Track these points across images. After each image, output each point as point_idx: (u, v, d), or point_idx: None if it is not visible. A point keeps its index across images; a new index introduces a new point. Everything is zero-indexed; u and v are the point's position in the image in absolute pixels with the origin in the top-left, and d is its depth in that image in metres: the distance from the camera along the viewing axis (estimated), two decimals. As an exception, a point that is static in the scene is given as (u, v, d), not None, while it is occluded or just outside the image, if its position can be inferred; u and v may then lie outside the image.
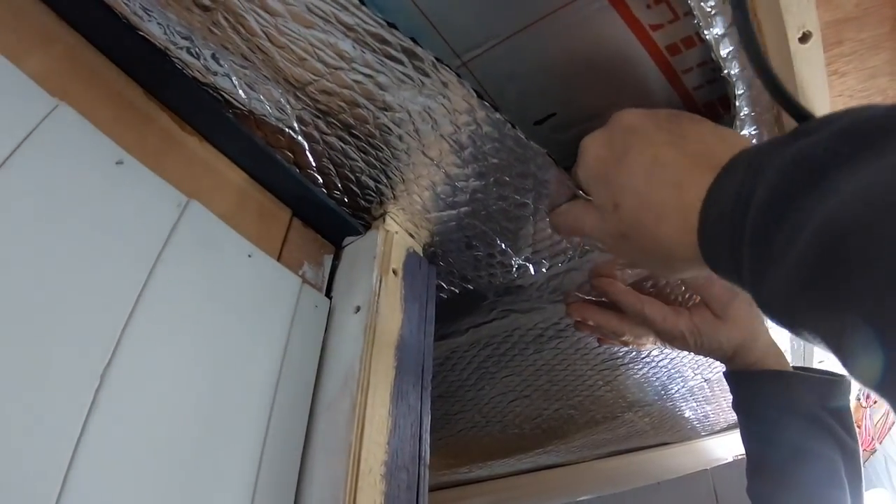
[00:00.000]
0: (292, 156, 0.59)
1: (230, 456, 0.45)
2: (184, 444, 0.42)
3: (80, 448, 0.36)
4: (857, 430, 1.34)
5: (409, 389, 0.56)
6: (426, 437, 0.55)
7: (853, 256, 0.26)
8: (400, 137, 0.55)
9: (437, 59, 0.48)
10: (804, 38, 0.48)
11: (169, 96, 0.54)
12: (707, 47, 0.49)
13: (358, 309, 0.57)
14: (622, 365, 0.95)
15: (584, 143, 0.52)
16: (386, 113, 0.53)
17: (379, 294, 0.58)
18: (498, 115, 0.51)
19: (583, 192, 0.56)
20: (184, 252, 0.49)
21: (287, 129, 0.57)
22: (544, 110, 0.60)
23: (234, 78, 0.53)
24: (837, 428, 0.65)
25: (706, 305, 0.71)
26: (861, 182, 0.28)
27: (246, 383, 0.49)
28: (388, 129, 0.54)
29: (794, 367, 0.70)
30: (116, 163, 0.47)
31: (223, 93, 0.54)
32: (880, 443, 1.37)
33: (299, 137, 0.58)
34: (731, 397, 0.78)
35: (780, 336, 0.99)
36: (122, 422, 0.39)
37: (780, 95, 0.45)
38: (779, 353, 0.72)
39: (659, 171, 0.44)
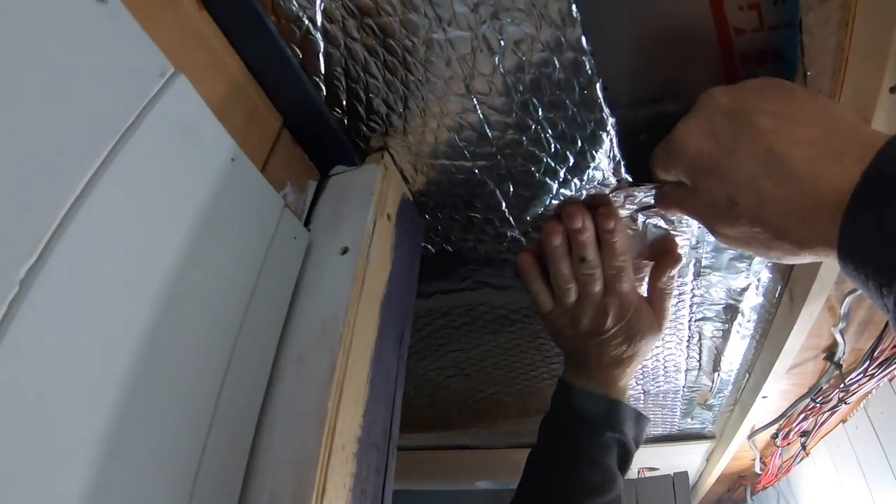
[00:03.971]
0: (301, 56, 0.49)
1: (173, 407, 0.36)
2: (110, 373, 0.32)
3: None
4: (763, 465, 1.37)
5: (388, 354, 0.48)
6: (398, 412, 0.47)
7: None
8: (448, 62, 0.46)
9: None
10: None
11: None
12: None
13: (345, 251, 0.48)
14: (573, 362, 0.90)
15: (681, 135, 0.48)
16: (447, 28, 0.44)
17: (372, 238, 0.49)
18: (591, 64, 0.43)
19: (658, 171, 0.52)
20: (160, 133, 0.38)
21: (306, 22, 0.47)
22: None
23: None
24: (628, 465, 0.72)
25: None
26: None
27: (205, 314, 0.39)
28: (439, 48, 0.45)
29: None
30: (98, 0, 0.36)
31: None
32: (780, 480, 1.43)
33: (317, 35, 0.47)
34: (661, 412, 0.80)
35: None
36: (43, 329, 0.29)
37: None
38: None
39: (777, 164, 0.41)
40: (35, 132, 0.31)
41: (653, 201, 0.59)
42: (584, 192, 0.59)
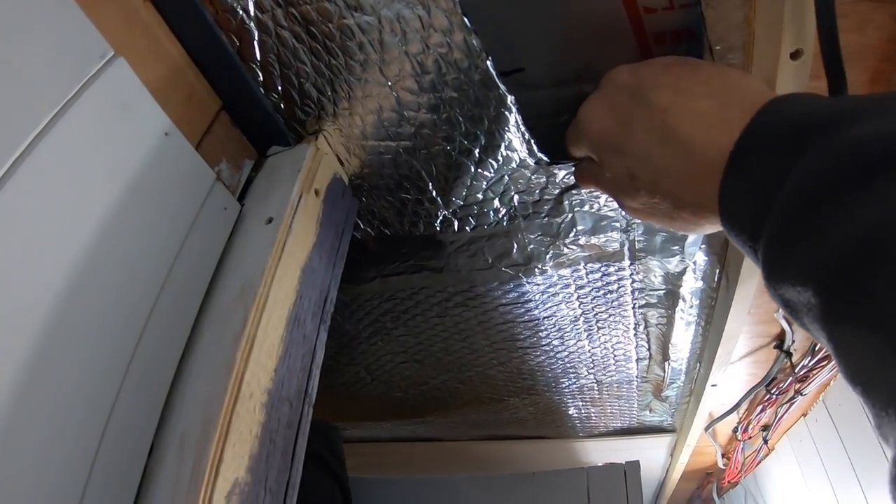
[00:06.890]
0: (238, 43, 0.53)
1: (93, 350, 0.40)
2: (38, 314, 0.36)
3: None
4: (726, 461, 1.39)
5: (307, 318, 0.51)
6: (316, 372, 0.51)
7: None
8: (360, 46, 0.50)
9: None
10: (796, 54, 0.48)
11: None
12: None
13: (270, 220, 0.52)
14: (521, 348, 0.93)
15: (585, 113, 0.50)
16: (354, 13, 0.48)
17: (296, 210, 0.53)
18: (477, 42, 0.47)
19: (571, 149, 0.54)
20: (97, 107, 0.42)
21: (241, 12, 0.51)
22: (515, 62, 0.56)
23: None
24: (339, 468, 0.79)
25: None
26: None
27: (129, 270, 0.44)
28: (351, 33, 0.49)
29: None
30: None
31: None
32: (745, 476, 1.44)
33: (251, 24, 0.52)
34: (618, 403, 0.80)
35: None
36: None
37: (834, 57, 0.44)
38: None
39: (671, 137, 0.42)
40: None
41: (573, 179, 0.62)
42: (506, 175, 0.62)
